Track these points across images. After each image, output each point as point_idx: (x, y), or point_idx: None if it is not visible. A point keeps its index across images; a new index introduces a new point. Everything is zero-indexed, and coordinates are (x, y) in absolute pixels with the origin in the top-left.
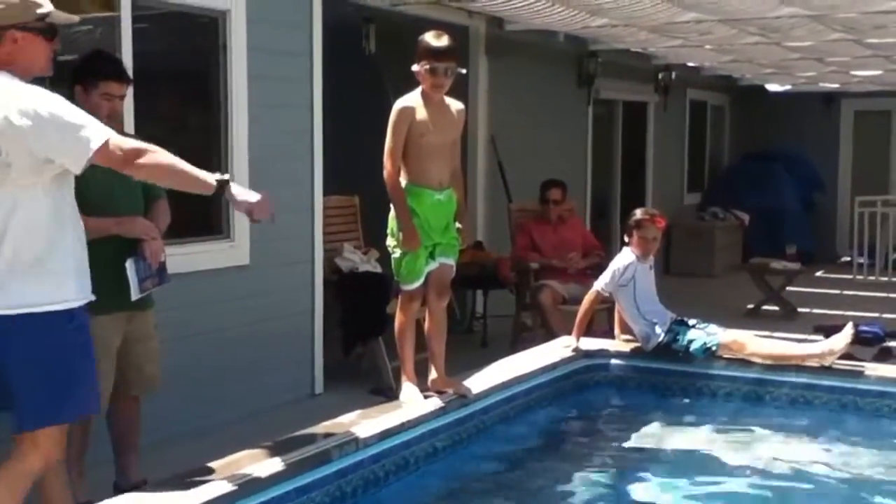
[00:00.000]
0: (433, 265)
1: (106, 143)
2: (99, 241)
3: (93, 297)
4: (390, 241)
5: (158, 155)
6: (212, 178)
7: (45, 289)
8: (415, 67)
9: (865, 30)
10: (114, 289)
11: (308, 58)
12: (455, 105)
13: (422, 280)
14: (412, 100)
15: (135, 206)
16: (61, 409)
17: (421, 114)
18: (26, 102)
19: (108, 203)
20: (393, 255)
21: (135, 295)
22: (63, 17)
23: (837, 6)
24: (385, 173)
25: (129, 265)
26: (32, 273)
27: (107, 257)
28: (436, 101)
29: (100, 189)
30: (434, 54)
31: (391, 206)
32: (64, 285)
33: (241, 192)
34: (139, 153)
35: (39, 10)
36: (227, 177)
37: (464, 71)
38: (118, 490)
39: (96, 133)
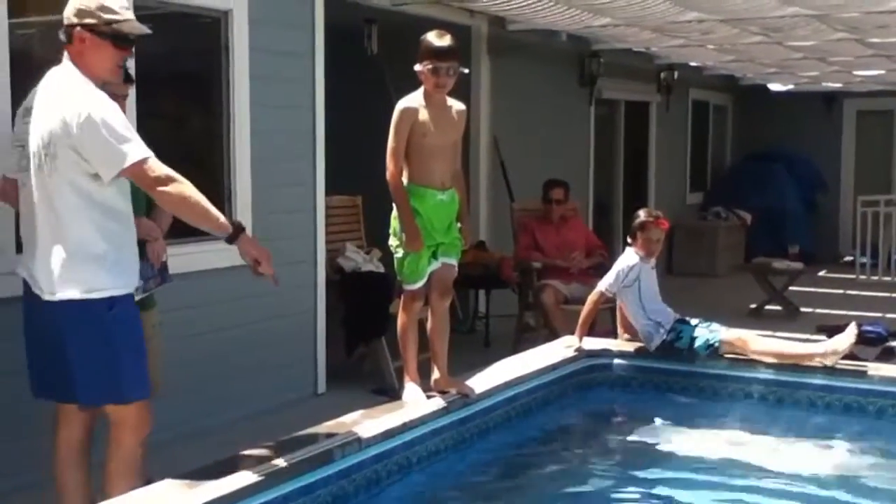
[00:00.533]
0: (436, 265)
1: (141, 162)
2: None
3: (131, 290)
4: (393, 241)
5: (185, 187)
6: (227, 222)
7: (84, 277)
8: (417, 67)
9: (868, 29)
10: None
11: (310, 58)
12: (457, 105)
13: (424, 280)
14: (414, 100)
15: (137, 207)
16: (112, 390)
17: (423, 114)
18: (82, 104)
19: None
20: (395, 255)
21: (137, 295)
22: (137, 28)
23: (840, 6)
24: (388, 173)
25: None
26: (72, 261)
27: None
28: (438, 101)
29: None
30: (437, 54)
31: (394, 206)
32: (99, 274)
33: (253, 243)
34: (169, 181)
35: (108, 16)
36: (243, 223)
37: (466, 71)
38: None
39: (136, 150)
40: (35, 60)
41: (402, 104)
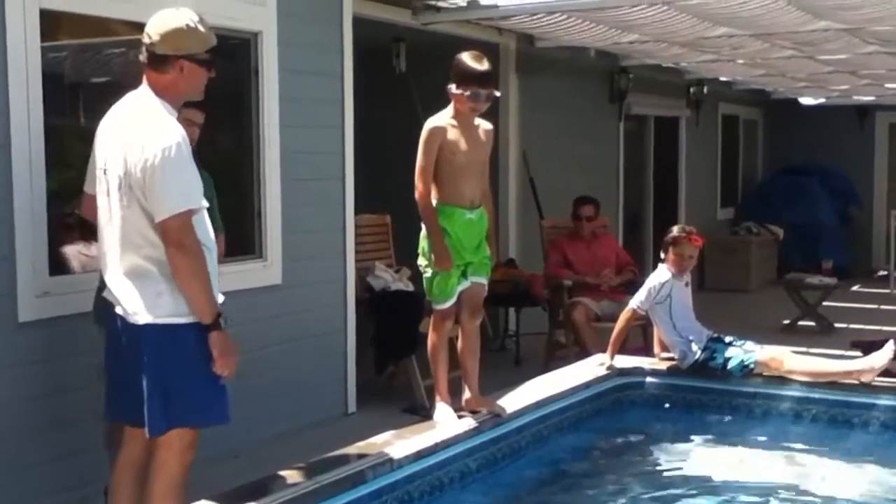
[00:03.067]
0: (465, 284)
1: (184, 213)
2: None
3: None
4: (422, 261)
5: (199, 259)
6: (214, 314)
7: (168, 301)
8: (453, 89)
9: None
10: None
11: (339, 78)
12: (484, 125)
13: (454, 299)
14: (443, 119)
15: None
16: (182, 415)
17: (451, 133)
18: (160, 139)
19: None
20: (425, 275)
21: None
22: (214, 42)
23: (873, 19)
24: (416, 193)
25: None
26: (157, 286)
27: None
28: (466, 120)
29: None
30: (478, 80)
31: (422, 225)
32: (182, 300)
33: (225, 341)
34: (191, 246)
35: (211, 44)
36: (224, 323)
37: (498, 94)
38: None
39: (188, 199)
40: (67, 82)
41: (430, 123)
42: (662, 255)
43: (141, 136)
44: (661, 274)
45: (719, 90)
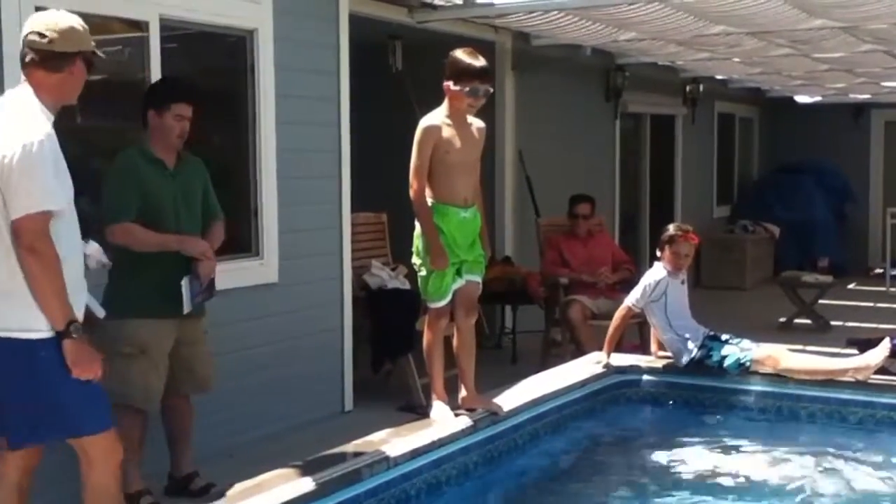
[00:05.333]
0: (460, 282)
1: (39, 215)
2: (159, 254)
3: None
4: (416, 260)
5: (53, 265)
6: (66, 318)
7: (17, 314)
8: (450, 86)
9: (895, 40)
10: (168, 297)
11: (335, 76)
12: (477, 123)
13: (449, 298)
14: (437, 118)
15: (195, 226)
16: (37, 430)
17: (446, 132)
18: (22, 136)
19: (173, 220)
20: (419, 274)
21: (186, 309)
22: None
23: (868, 17)
24: (411, 191)
25: (185, 284)
26: (11, 298)
27: (165, 269)
28: (460, 118)
29: (168, 207)
30: (476, 75)
31: (416, 224)
32: (31, 314)
33: (80, 349)
34: (45, 251)
35: (92, 40)
36: (78, 329)
37: (492, 90)
38: (171, 479)
39: (46, 200)
40: None
41: (424, 122)
42: (658, 254)
43: (5, 133)
44: (657, 272)
45: (715, 88)
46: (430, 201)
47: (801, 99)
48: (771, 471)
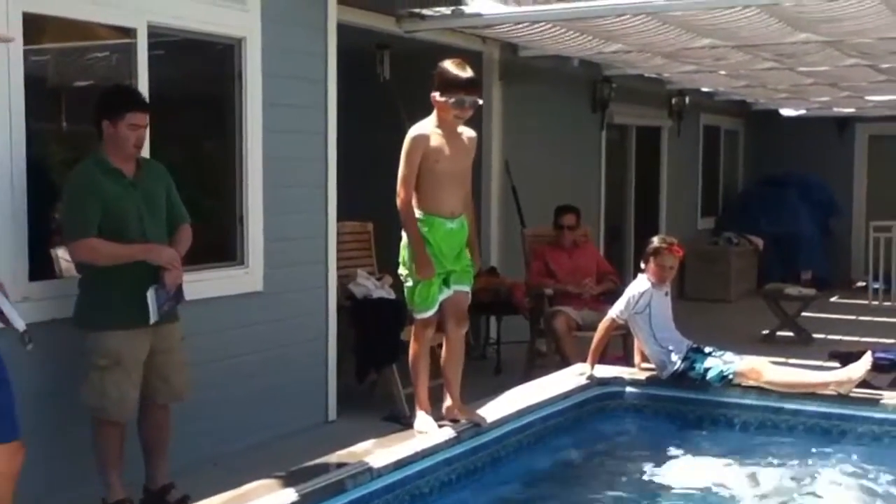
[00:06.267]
0: (447, 293)
1: None
2: (127, 264)
3: None
4: (402, 270)
5: None
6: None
7: None
8: (437, 97)
9: (880, 55)
10: (138, 306)
11: (323, 84)
12: (467, 132)
13: (435, 308)
14: (426, 127)
15: (161, 233)
16: None
17: (435, 141)
18: None
19: (137, 229)
20: (406, 285)
21: (153, 318)
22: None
23: (853, 32)
24: (398, 201)
25: (150, 294)
26: None
27: (133, 278)
28: (450, 128)
29: (132, 217)
30: (462, 86)
31: (403, 234)
32: None
33: None
34: None
35: None
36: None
37: (481, 101)
38: (147, 492)
39: None
40: (49, 85)
41: (413, 131)
42: (643, 266)
43: None
44: (641, 284)
45: (701, 100)
46: (417, 213)
47: (786, 112)
48: (752, 484)
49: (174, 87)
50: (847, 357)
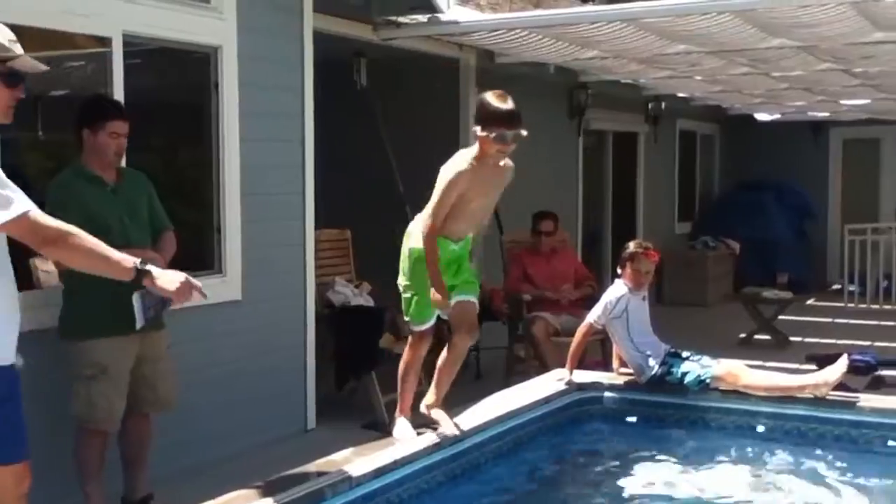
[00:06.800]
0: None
1: (24, 215)
2: None
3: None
4: (402, 281)
5: (78, 238)
6: (131, 262)
7: None
8: (479, 131)
9: (853, 60)
10: (123, 314)
11: (300, 93)
12: (506, 163)
13: (433, 321)
14: (467, 160)
15: (144, 237)
16: None
17: (473, 179)
18: None
19: (120, 237)
20: (403, 295)
21: (139, 324)
22: (30, 64)
23: (826, 37)
24: (424, 228)
25: (136, 299)
26: None
27: (117, 286)
28: (492, 162)
29: (114, 224)
30: (504, 119)
31: (402, 245)
32: None
33: (162, 279)
34: (58, 237)
35: (3, 54)
36: (147, 266)
37: (525, 133)
38: (126, 502)
39: (19, 203)
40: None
41: (455, 165)
42: (619, 271)
43: None
44: (618, 289)
45: (677, 106)
46: None
47: (761, 117)
48: (731, 487)
49: (150, 96)
50: (824, 360)
